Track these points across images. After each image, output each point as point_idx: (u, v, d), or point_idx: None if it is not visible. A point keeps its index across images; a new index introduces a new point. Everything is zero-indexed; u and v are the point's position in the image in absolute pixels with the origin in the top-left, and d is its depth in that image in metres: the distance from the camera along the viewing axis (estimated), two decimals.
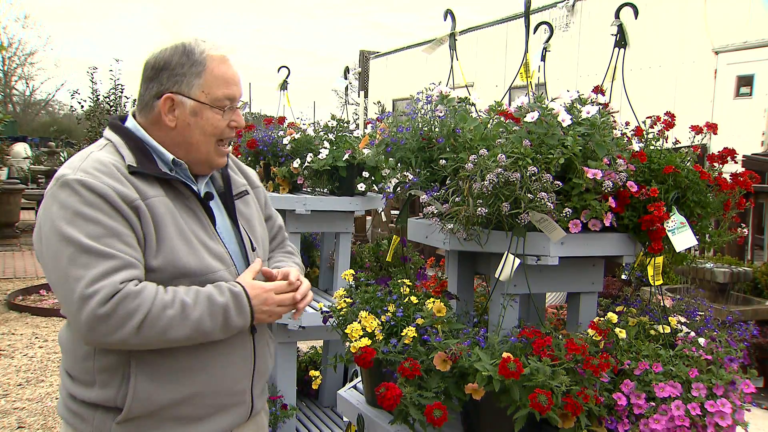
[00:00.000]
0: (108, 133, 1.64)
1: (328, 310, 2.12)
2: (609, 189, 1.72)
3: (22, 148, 17.43)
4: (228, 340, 1.59)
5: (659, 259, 1.89)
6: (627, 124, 2.02)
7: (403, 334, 1.82)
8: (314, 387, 2.44)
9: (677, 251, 1.82)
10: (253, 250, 1.72)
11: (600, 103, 1.92)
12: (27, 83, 34.98)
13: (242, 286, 1.55)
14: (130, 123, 1.65)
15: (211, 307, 1.48)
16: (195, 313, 1.46)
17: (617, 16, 2.16)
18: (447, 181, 1.91)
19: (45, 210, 1.48)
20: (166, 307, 1.43)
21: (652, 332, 1.93)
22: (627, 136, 1.98)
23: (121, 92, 6.96)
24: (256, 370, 1.70)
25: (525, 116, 1.78)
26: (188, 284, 1.52)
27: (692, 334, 1.92)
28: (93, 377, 1.53)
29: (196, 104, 1.58)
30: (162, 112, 1.59)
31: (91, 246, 1.41)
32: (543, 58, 2.42)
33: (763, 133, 7.72)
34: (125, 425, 1.53)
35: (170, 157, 1.61)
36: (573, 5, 10.38)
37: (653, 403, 1.66)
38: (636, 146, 1.98)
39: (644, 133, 2.00)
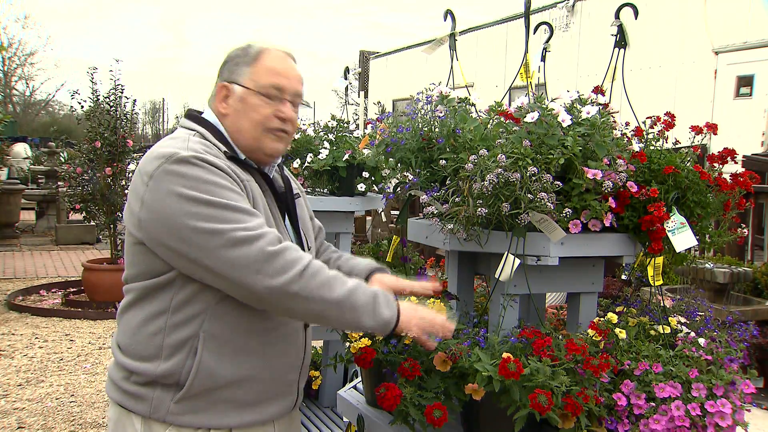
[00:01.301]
0: (189, 123, 1.68)
1: None
2: (609, 189, 1.72)
3: (22, 149, 17.43)
4: (284, 330, 1.64)
5: (659, 260, 1.89)
6: (627, 124, 2.02)
7: (403, 334, 1.82)
8: (314, 387, 2.45)
9: (677, 251, 1.82)
10: (309, 248, 1.77)
11: (600, 104, 1.92)
12: (27, 83, 35.01)
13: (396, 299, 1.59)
14: (209, 115, 1.70)
15: (361, 287, 1.52)
16: (349, 282, 1.51)
17: (617, 16, 2.16)
18: (447, 182, 1.91)
19: (160, 185, 1.47)
20: (324, 267, 1.50)
21: (652, 332, 1.93)
22: (627, 137, 1.98)
23: (122, 92, 6.95)
24: (304, 364, 1.75)
25: (525, 116, 1.78)
26: None
27: (692, 334, 1.92)
28: (159, 351, 1.55)
29: (243, 90, 1.64)
30: (218, 99, 1.67)
31: (237, 205, 1.47)
32: (543, 59, 2.42)
33: (763, 134, 7.72)
34: (182, 404, 1.55)
35: (242, 155, 1.66)
36: (573, 5, 10.39)
37: (653, 404, 1.66)
38: (636, 146, 1.98)
39: (644, 133, 2.00)
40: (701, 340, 1.85)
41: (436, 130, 2.02)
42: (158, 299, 1.55)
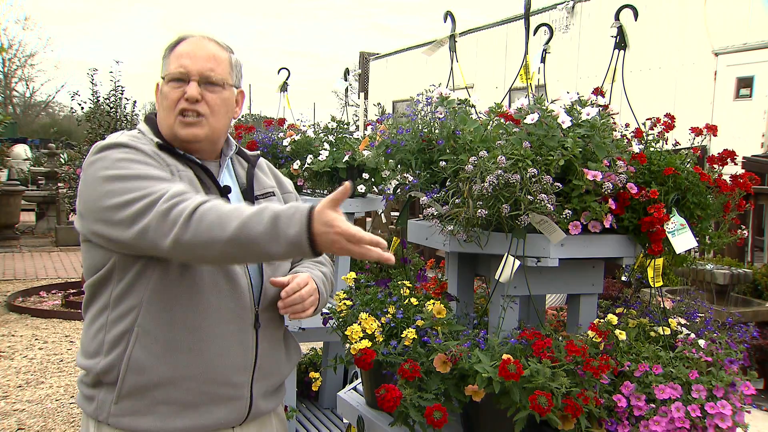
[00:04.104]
0: (140, 124, 1.73)
1: (328, 311, 2.12)
2: (609, 191, 1.72)
3: (22, 150, 17.42)
4: (224, 328, 1.60)
5: (659, 261, 1.89)
6: (627, 125, 2.02)
7: (403, 335, 1.82)
8: (314, 389, 2.44)
9: (677, 253, 1.82)
10: None
11: (600, 105, 1.92)
12: (27, 85, 34.99)
13: (312, 208, 1.37)
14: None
15: (262, 212, 1.37)
16: (246, 212, 1.38)
17: (617, 17, 2.16)
18: (447, 183, 1.91)
19: (86, 174, 1.56)
20: (216, 207, 1.40)
21: (652, 334, 1.93)
22: (627, 138, 1.98)
23: (122, 94, 6.96)
24: (258, 368, 1.68)
25: (525, 118, 1.78)
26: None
27: (692, 335, 1.92)
28: (101, 347, 1.59)
29: (161, 82, 1.67)
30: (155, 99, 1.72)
31: (148, 173, 1.49)
32: (543, 60, 2.42)
33: (763, 135, 7.72)
34: (121, 405, 1.57)
35: (179, 152, 1.66)
36: (573, 7, 10.39)
37: (653, 405, 1.66)
38: (636, 148, 1.98)
39: (644, 134, 2.00)
40: (701, 342, 1.84)
41: (436, 131, 2.02)
42: (101, 295, 1.60)
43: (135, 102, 7.26)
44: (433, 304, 1.89)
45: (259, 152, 1.90)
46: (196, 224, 1.38)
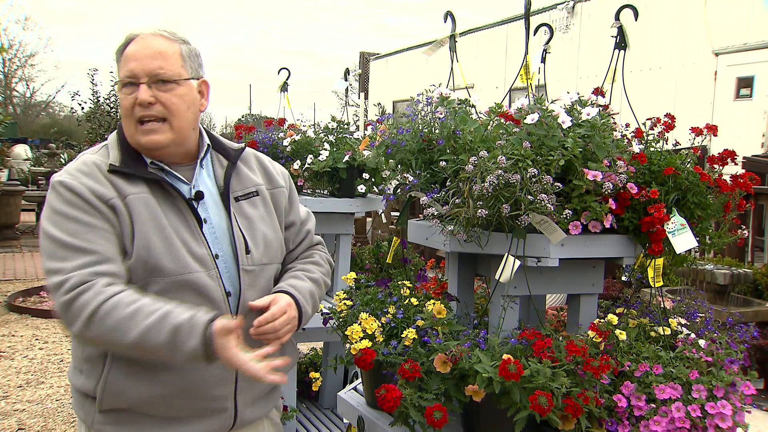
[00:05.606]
0: (112, 134, 1.66)
1: (328, 311, 2.12)
2: (609, 191, 1.72)
3: (22, 150, 17.42)
4: None
5: (659, 261, 1.89)
6: (627, 125, 2.02)
7: (403, 335, 1.82)
8: (314, 389, 2.44)
9: (677, 253, 1.82)
10: (247, 252, 1.65)
11: (600, 105, 1.92)
12: (27, 85, 34.97)
13: (212, 321, 1.43)
14: None
15: (163, 321, 1.42)
16: (150, 318, 1.41)
17: (617, 17, 2.16)
18: (447, 183, 1.91)
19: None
20: (119, 307, 1.42)
21: (653, 334, 1.93)
22: (627, 138, 1.98)
23: None
24: (241, 378, 1.64)
25: (525, 118, 1.78)
26: (163, 283, 1.51)
27: (692, 335, 1.92)
28: (81, 365, 1.60)
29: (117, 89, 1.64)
30: None
31: (69, 242, 1.47)
32: (543, 60, 2.42)
33: (764, 135, 7.72)
34: (106, 415, 1.57)
35: (148, 159, 1.61)
36: (573, 7, 10.39)
37: (653, 405, 1.66)
38: (636, 148, 1.98)
39: (644, 134, 2.00)
40: (701, 342, 1.84)
41: (437, 131, 2.02)
42: None
43: None
44: (434, 304, 1.89)
45: (242, 145, 1.79)
46: (98, 325, 1.42)
